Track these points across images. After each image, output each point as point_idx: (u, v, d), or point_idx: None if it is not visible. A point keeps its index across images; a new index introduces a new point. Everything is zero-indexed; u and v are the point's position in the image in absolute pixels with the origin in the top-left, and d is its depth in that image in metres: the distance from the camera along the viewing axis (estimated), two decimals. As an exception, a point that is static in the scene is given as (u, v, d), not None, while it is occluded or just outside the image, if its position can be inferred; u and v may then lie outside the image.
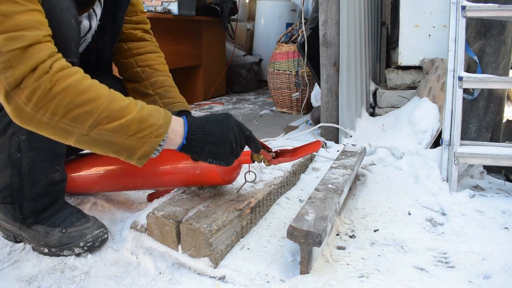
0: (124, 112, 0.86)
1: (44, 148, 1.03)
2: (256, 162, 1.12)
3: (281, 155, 1.13)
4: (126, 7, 1.22)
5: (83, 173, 1.31)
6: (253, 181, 1.23)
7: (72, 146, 1.32)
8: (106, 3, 1.17)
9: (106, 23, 1.17)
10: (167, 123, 0.91)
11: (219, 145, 0.96)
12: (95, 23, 1.15)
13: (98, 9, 1.15)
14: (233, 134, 0.98)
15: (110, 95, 0.86)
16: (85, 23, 1.11)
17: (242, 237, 1.12)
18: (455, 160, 1.46)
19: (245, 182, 1.21)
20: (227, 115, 1.01)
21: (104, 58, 1.23)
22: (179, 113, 1.19)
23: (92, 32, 1.16)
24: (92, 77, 1.28)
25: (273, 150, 1.13)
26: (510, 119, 1.96)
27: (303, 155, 1.12)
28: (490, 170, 1.64)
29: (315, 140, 1.17)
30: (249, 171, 1.18)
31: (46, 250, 1.08)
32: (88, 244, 1.08)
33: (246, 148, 1.15)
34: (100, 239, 1.10)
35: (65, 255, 1.07)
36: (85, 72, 1.11)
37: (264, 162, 1.11)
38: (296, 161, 1.52)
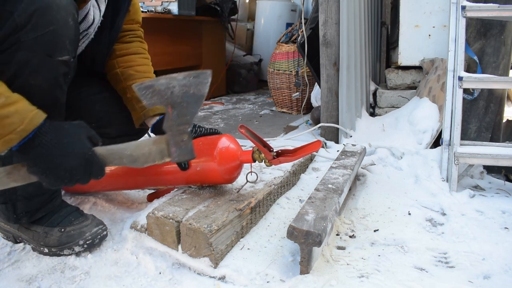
0: None
1: None
2: (257, 161, 1.12)
3: (281, 155, 1.13)
4: (125, 13, 1.21)
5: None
6: (254, 182, 1.23)
7: None
8: (108, 6, 1.17)
9: (105, 27, 1.17)
10: (26, 129, 0.80)
11: (54, 170, 0.84)
12: (98, 18, 1.14)
13: (102, 5, 1.14)
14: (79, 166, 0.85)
15: None
16: (89, 17, 1.11)
17: (242, 237, 1.11)
18: (455, 160, 1.46)
19: (246, 183, 1.21)
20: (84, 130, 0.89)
21: (98, 61, 1.23)
22: (156, 117, 1.20)
23: (94, 27, 1.15)
24: (83, 81, 1.27)
25: (274, 150, 1.13)
26: (510, 119, 1.96)
27: (304, 155, 1.12)
28: (490, 170, 1.64)
29: (315, 140, 1.17)
30: (251, 172, 1.18)
31: (46, 250, 1.08)
32: (87, 242, 1.07)
33: (247, 148, 1.15)
34: (99, 236, 1.10)
35: (65, 255, 1.07)
36: (79, 74, 1.10)
37: (264, 162, 1.11)
38: (296, 161, 1.52)
